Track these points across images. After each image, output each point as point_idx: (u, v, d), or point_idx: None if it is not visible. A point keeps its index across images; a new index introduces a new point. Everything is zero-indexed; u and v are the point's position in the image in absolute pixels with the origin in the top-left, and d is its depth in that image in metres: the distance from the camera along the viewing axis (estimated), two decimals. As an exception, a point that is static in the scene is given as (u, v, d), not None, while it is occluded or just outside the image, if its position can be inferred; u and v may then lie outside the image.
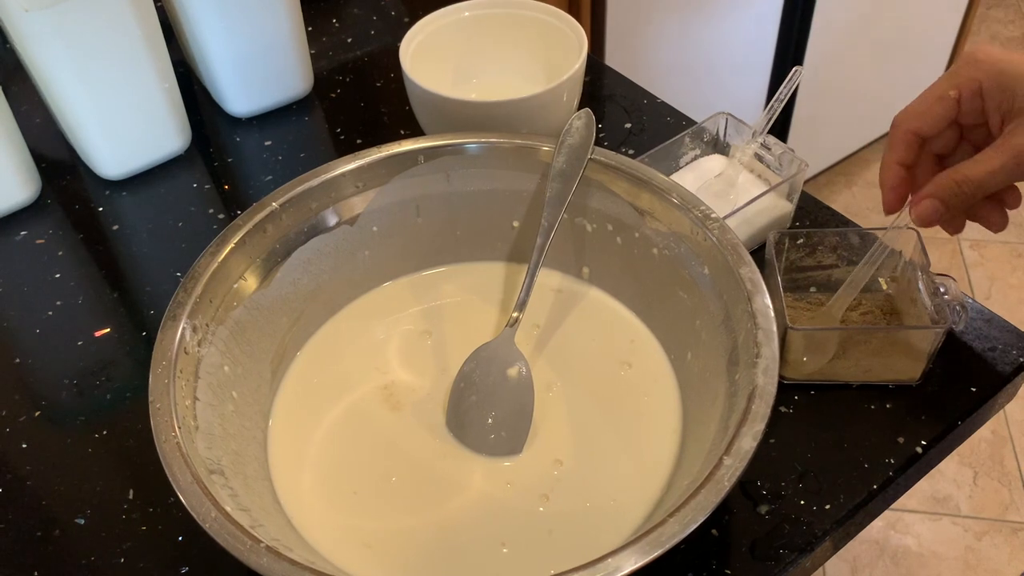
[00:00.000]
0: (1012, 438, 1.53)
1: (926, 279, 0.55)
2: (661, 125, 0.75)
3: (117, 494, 0.53)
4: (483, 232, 0.62)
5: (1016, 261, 1.82)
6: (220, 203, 0.72)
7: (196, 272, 0.51)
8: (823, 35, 1.58)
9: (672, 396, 0.54)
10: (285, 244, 0.55)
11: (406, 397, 0.56)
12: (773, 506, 0.50)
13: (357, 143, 0.75)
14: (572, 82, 0.67)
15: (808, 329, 0.54)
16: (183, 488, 0.42)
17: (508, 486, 0.51)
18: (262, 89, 0.77)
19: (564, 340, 0.59)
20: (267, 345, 0.55)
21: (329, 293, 0.59)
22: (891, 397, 0.55)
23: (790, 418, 0.55)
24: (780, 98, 0.62)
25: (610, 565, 0.38)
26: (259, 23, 0.73)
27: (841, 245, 0.58)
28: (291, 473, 0.52)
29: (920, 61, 1.97)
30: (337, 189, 0.56)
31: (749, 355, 0.46)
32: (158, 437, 0.44)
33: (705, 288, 0.52)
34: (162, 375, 0.47)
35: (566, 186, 0.56)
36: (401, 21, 0.88)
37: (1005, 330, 0.58)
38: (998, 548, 1.39)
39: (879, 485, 0.51)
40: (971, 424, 0.55)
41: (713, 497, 0.40)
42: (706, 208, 0.52)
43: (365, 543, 0.49)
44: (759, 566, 0.48)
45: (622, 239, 0.57)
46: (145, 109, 0.71)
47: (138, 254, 0.69)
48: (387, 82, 0.81)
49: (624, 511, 0.49)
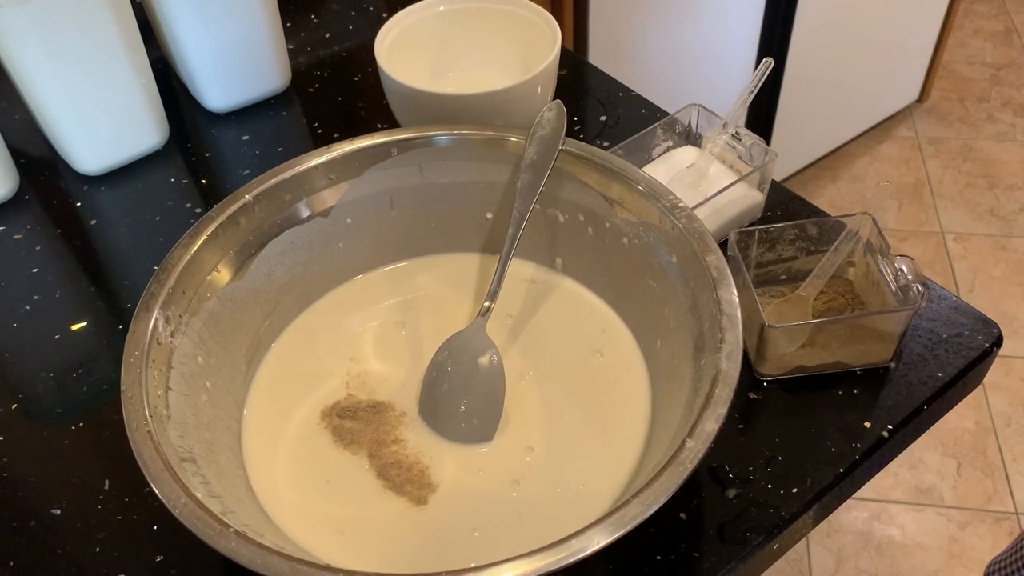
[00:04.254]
0: (995, 429, 1.54)
1: (886, 261, 0.55)
2: (636, 118, 0.76)
3: (93, 485, 0.54)
4: (457, 224, 0.62)
5: (999, 254, 1.83)
6: (198, 197, 0.72)
7: (169, 264, 0.51)
8: (806, 30, 1.59)
9: (642, 383, 0.55)
10: (259, 236, 0.56)
11: (380, 387, 0.56)
12: (741, 490, 0.51)
13: (334, 137, 0.76)
14: (546, 75, 0.68)
15: (786, 326, 0.54)
16: (153, 475, 0.43)
17: (480, 473, 0.52)
18: (240, 84, 0.78)
19: (537, 329, 0.59)
20: (241, 336, 0.55)
21: (303, 285, 0.59)
22: (859, 382, 0.56)
23: (759, 404, 0.56)
24: (751, 89, 0.63)
25: (573, 545, 0.39)
26: (236, 19, 0.74)
27: (800, 237, 0.59)
28: (265, 462, 0.52)
29: (903, 56, 1.98)
30: (310, 182, 0.57)
31: (714, 341, 0.47)
32: (129, 426, 0.45)
33: (673, 276, 0.53)
34: (134, 365, 0.47)
35: (537, 177, 0.56)
36: (379, 16, 0.89)
37: (972, 316, 0.59)
38: (981, 538, 1.40)
39: (845, 469, 0.52)
40: (937, 409, 0.56)
41: (676, 479, 0.41)
42: (674, 197, 0.53)
43: (338, 530, 0.50)
44: (727, 549, 0.49)
45: (593, 229, 0.58)
46: (122, 105, 0.72)
47: (116, 248, 0.69)
48: (364, 76, 0.82)
49: (593, 495, 0.50)
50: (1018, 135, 2.09)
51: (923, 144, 2.08)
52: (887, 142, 2.08)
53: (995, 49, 2.35)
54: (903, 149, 2.07)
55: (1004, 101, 2.19)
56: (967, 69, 2.28)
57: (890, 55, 1.92)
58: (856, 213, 0.55)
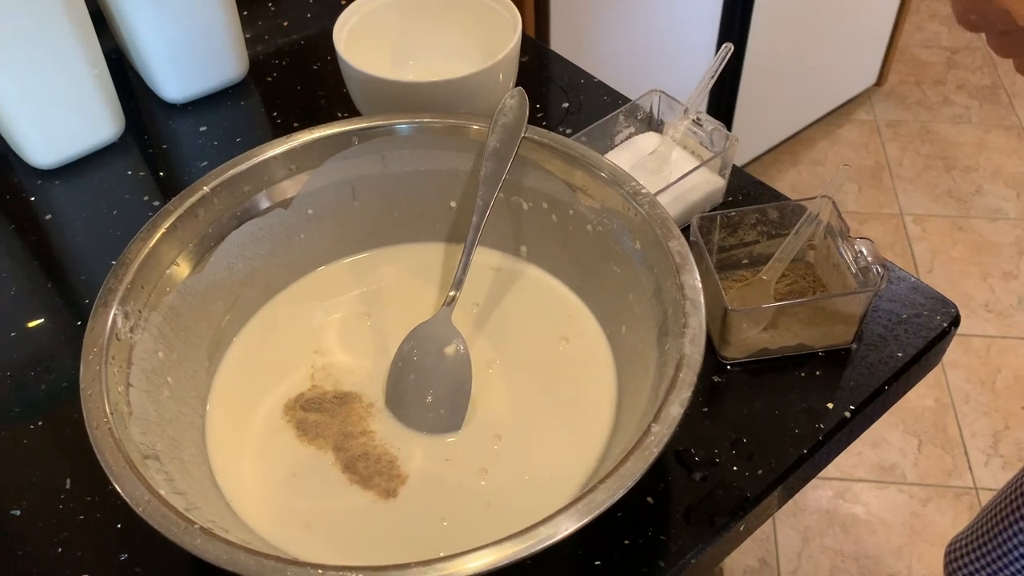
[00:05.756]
0: (954, 406, 1.57)
1: (846, 244, 0.56)
2: (598, 104, 0.76)
3: (54, 484, 0.53)
4: (421, 213, 0.62)
5: (957, 234, 1.86)
6: (156, 190, 0.71)
7: (127, 259, 0.51)
8: (765, 16, 1.60)
9: (608, 369, 0.55)
10: (218, 228, 0.55)
11: (346, 378, 0.56)
12: (707, 473, 0.52)
13: (294, 127, 0.75)
14: (507, 62, 0.67)
15: (749, 310, 0.55)
16: (115, 473, 0.42)
17: (447, 462, 0.52)
18: (196, 74, 0.77)
19: (503, 317, 0.59)
20: (203, 330, 0.54)
21: (265, 277, 0.59)
22: (821, 364, 0.57)
23: (724, 387, 0.56)
24: (711, 74, 0.63)
25: (541, 532, 0.39)
26: (191, 7, 0.72)
27: (761, 221, 0.59)
28: (229, 457, 0.52)
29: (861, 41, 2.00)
30: (269, 172, 0.56)
31: (678, 326, 0.47)
32: (90, 424, 0.44)
33: (637, 262, 0.53)
34: (93, 362, 0.46)
35: (500, 165, 0.56)
36: (337, 3, 0.88)
37: (930, 297, 0.60)
38: (942, 513, 1.43)
39: (809, 449, 0.53)
40: (898, 388, 0.57)
41: (642, 464, 0.41)
42: (636, 184, 0.53)
43: (306, 523, 0.49)
44: (694, 532, 0.49)
45: (557, 216, 0.58)
46: (75, 97, 0.70)
47: (72, 243, 0.68)
48: (324, 65, 0.81)
49: (561, 482, 0.50)
50: (973, 117, 2.13)
51: (882, 127, 2.11)
52: (846, 126, 2.11)
53: (950, 33, 2.38)
54: (862, 132, 2.10)
55: (959, 84, 2.22)
56: (924, 53, 2.32)
57: (848, 39, 1.94)
58: (816, 197, 0.55)
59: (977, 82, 2.22)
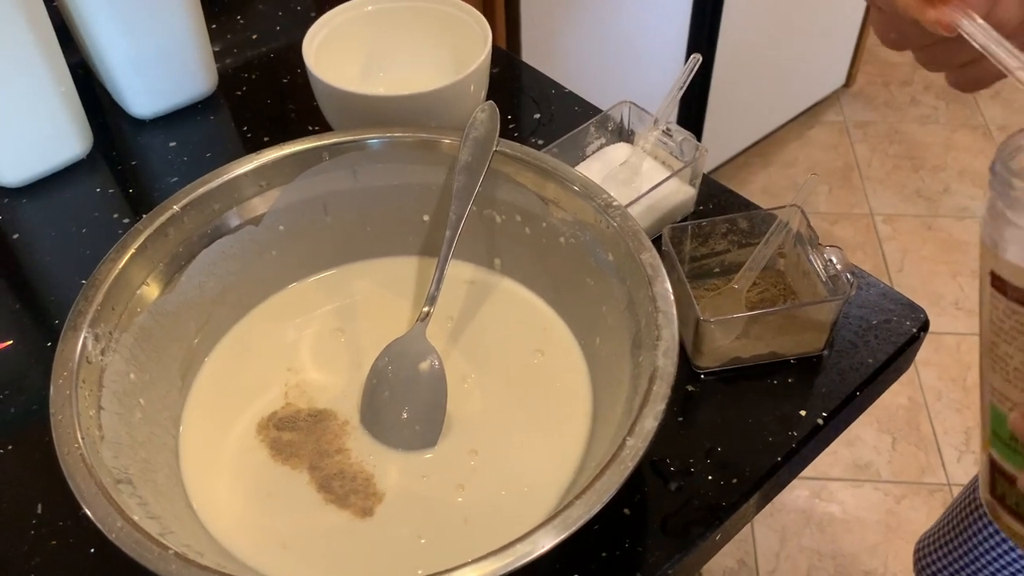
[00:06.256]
0: (927, 404, 1.59)
1: (816, 252, 0.57)
2: (569, 115, 0.76)
3: (25, 510, 0.52)
4: (394, 227, 0.62)
5: (926, 233, 1.89)
6: (125, 207, 0.70)
7: (96, 280, 0.50)
8: (734, 21, 1.61)
9: (583, 381, 0.55)
10: (188, 247, 0.54)
11: (320, 396, 0.56)
12: (683, 483, 0.52)
13: (264, 141, 0.75)
14: (478, 74, 0.67)
15: (721, 320, 0.55)
16: (87, 499, 0.42)
17: (424, 479, 0.52)
18: (164, 89, 0.76)
19: (478, 331, 0.59)
20: (175, 350, 0.54)
21: (237, 295, 0.58)
22: (793, 371, 0.57)
23: (698, 397, 0.56)
24: (679, 85, 0.63)
25: (519, 550, 0.39)
26: (157, 22, 0.72)
27: (731, 231, 0.60)
28: (204, 478, 0.51)
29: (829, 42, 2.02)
30: (240, 189, 0.56)
31: (651, 338, 0.47)
32: (60, 449, 0.43)
33: (610, 274, 0.53)
34: (64, 386, 0.46)
35: (472, 179, 0.56)
36: (306, 16, 0.87)
37: (899, 303, 0.61)
38: (917, 510, 1.45)
39: (783, 457, 0.53)
40: (869, 394, 0.58)
41: (617, 477, 0.41)
42: (608, 196, 0.53)
43: (282, 543, 0.49)
44: (671, 542, 0.50)
45: (531, 229, 0.58)
46: (42, 114, 0.69)
47: (41, 263, 0.67)
48: (294, 78, 0.81)
49: (538, 496, 0.50)
50: (940, 117, 2.16)
51: (851, 128, 2.13)
52: (816, 127, 2.13)
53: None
54: (832, 133, 2.12)
55: (926, 85, 2.25)
56: (891, 54, 2.34)
57: (817, 41, 1.96)
58: (785, 206, 0.56)
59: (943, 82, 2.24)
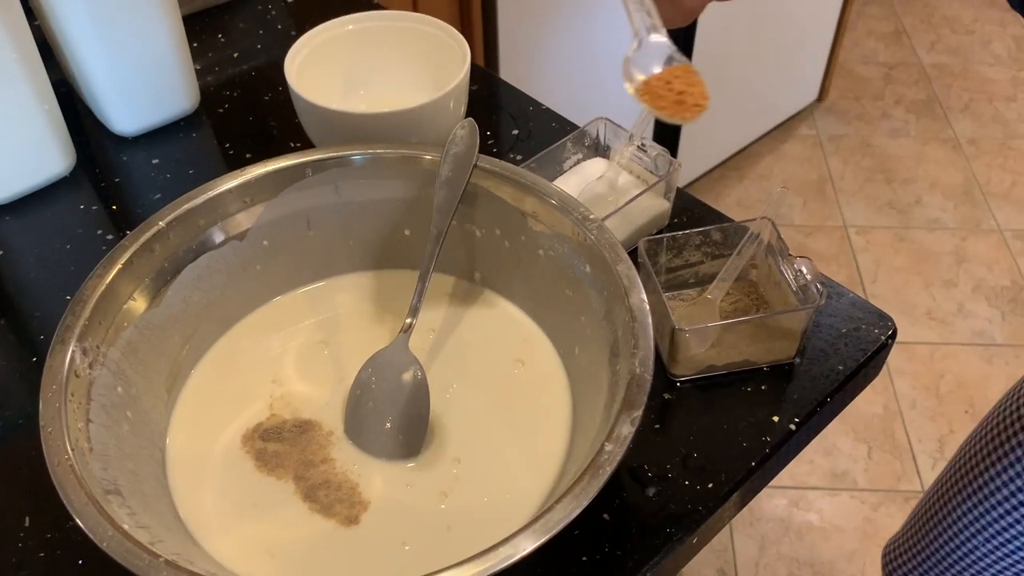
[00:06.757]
0: (901, 412, 1.62)
1: (786, 262, 0.59)
2: (547, 131, 0.78)
3: (12, 523, 0.53)
4: (376, 241, 0.63)
5: (899, 244, 1.92)
6: (109, 224, 0.71)
7: (83, 295, 0.51)
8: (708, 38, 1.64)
9: (562, 390, 0.57)
10: (174, 263, 0.55)
11: (304, 407, 0.57)
12: (660, 488, 0.53)
13: (247, 157, 0.76)
14: (458, 91, 0.69)
15: (696, 329, 0.57)
16: (78, 510, 0.42)
17: (408, 487, 0.53)
18: (147, 107, 0.77)
19: (459, 342, 0.61)
20: (161, 364, 0.55)
21: (222, 309, 0.59)
22: (766, 379, 0.59)
23: (674, 404, 0.58)
24: (654, 102, 0.65)
25: (501, 553, 0.40)
26: (139, 40, 0.73)
27: (705, 243, 0.62)
28: (191, 488, 0.52)
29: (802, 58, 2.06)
30: (224, 205, 0.57)
31: (628, 347, 0.49)
32: (50, 461, 0.44)
33: (587, 286, 0.54)
34: (53, 399, 0.47)
35: (453, 194, 0.58)
36: (287, 34, 0.89)
37: (868, 311, 0.63)
38: (892, 517, 1.47)
39: (757, 462, 0.55)
40: (840, 400, 0.59)
41: (596, 482, 0.43)
42: (585, 210, 0.55)
43: (269, 552, 0.50)
44: (649, 545, 0.51)
45: (510, 242, 0.59)
46: (24, 131, 0.70)
47: (25, 279, 0.68)
48: (276, 95, 0.82)
49: (519, 503, 0.51)
50: (911, 131, 2.20)
51: (824, 142, 2.17)
52: (790, 141, 2.17)
53: (887, 49, 2.46)
54: (805, 147, 2.15)
55: (897, 99, 2.30)
56: (862, 68, 2.39)
57: (790, 57, 1.99)
58: (757, 218, 0.58)
59: (913, 96, 2.30)
